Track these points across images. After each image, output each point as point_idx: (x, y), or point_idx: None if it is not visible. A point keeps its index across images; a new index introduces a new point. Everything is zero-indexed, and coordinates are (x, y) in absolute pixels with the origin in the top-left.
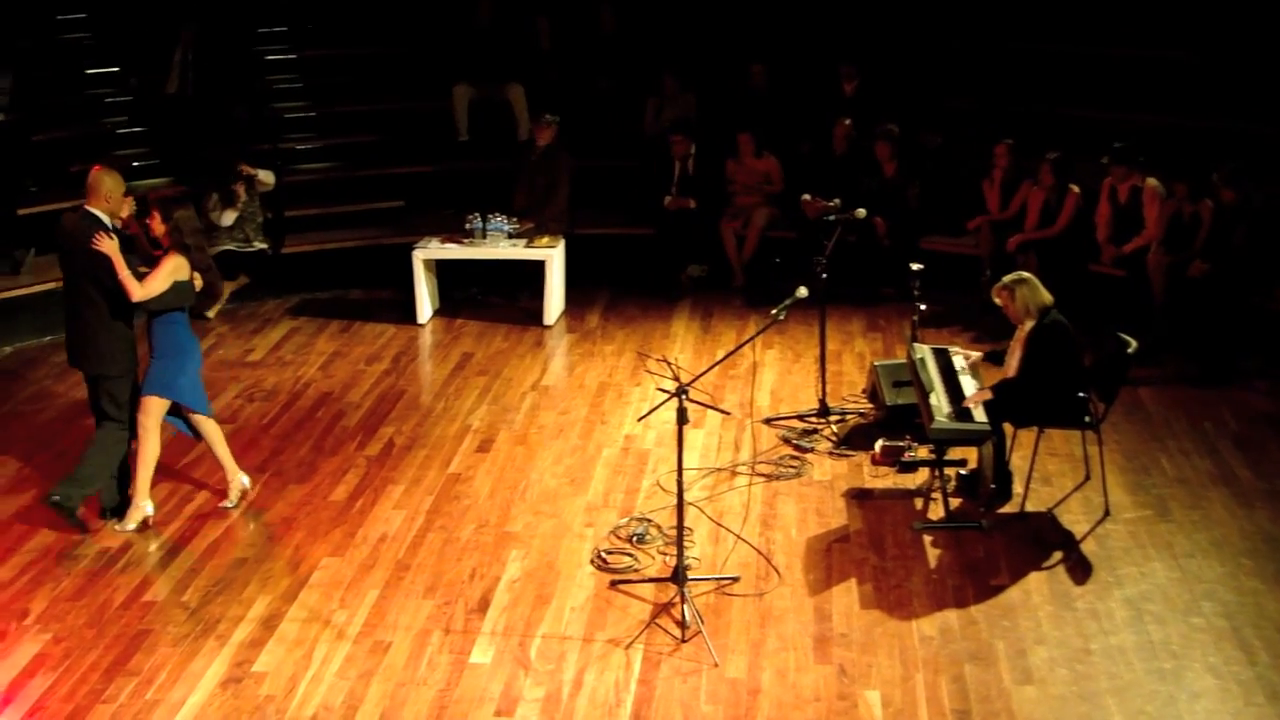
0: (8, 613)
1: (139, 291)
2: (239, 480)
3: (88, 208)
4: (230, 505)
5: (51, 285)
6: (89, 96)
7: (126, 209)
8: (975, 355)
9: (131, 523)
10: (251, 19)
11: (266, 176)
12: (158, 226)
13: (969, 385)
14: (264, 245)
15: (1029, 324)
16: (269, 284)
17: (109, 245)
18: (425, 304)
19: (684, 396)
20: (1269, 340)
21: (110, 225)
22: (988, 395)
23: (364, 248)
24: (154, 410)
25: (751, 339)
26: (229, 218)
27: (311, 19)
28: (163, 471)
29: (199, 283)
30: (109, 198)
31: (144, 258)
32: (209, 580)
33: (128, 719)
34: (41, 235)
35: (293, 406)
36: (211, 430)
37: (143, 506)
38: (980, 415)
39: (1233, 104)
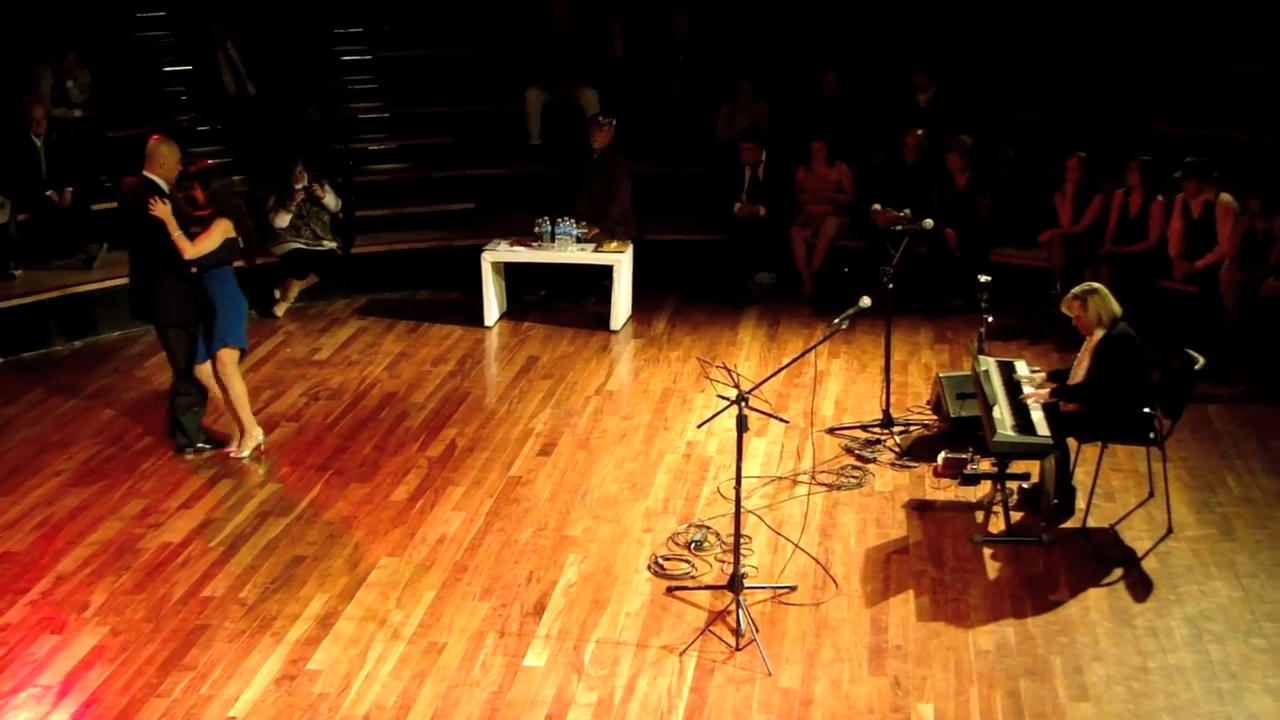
0: (68, 604)
1: (191, 250)
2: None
3: (145, 174)
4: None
5: (122, 281)
6: (165, 94)
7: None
8: (1039, 376)
9: (247, 450)
10: (327, 19)
11: (331, 201)
12: (200, 195)
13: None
14: (333, 244)
15: (1098, 334)
16: (338, 283)
17: (162, 210)
18: (493, 306)
19: (743, 404)
20: None
21: (165, 190)
22: (1045, 395)
23: (434, 249)
24: (229, 360)
25: (813, 348)
26: (283, 219)
27: (387, 21)
28: (225, 469)
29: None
30: (164, 164)
31: (185, 220)
32: (267, 577)
33: (181, 713)
34: (115, 231)
35: (357, 406)
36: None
37: (255, 435)
38: (1043, 429)
39: None
